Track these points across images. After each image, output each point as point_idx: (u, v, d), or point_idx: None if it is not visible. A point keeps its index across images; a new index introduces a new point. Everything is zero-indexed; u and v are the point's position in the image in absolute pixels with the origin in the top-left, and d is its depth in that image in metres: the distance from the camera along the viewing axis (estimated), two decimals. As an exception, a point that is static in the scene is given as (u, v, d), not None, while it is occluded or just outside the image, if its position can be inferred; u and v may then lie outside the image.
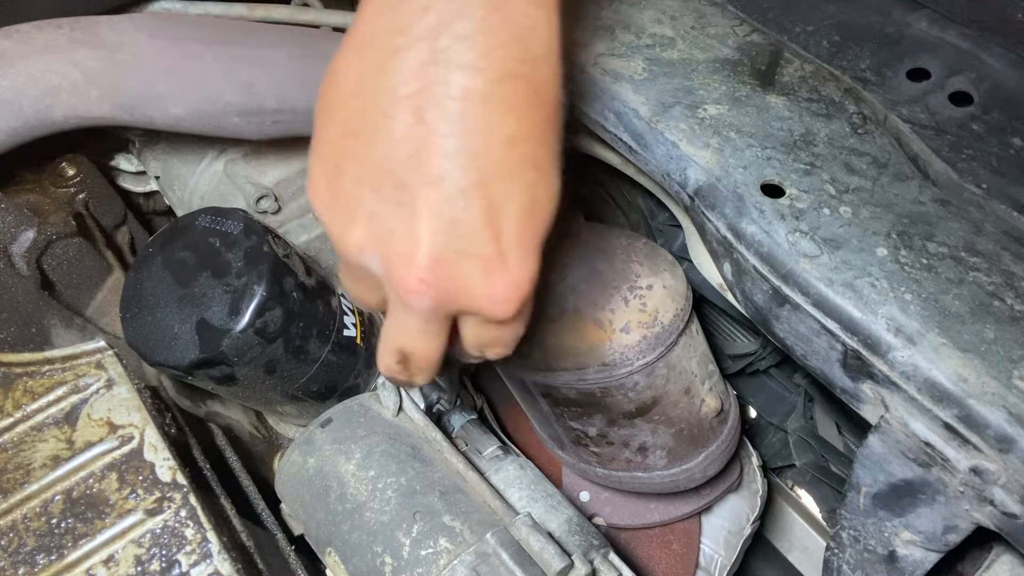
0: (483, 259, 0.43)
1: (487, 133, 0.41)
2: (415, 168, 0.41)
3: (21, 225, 0.78)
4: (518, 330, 0.50)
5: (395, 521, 0.62)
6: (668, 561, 1.01)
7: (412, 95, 0.41)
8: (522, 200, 0.43)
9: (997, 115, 0.64)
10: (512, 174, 0.42)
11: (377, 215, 0.43)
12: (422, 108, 0.41)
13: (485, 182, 0.42)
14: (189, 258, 0.69)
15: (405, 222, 0.42)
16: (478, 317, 0.47)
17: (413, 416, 0.72)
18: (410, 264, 0.43)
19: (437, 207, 0.42)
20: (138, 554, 0.53)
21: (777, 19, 0.74)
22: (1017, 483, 0.48)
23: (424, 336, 0.48)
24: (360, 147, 0.43)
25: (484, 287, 0.44)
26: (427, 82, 0.41)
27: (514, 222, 0.43)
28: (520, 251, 0.44)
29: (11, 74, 0.69)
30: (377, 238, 0.43)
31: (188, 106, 0.75)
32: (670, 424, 0.79)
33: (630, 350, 0.72)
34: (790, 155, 0.61)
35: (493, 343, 0.50)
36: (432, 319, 0.47)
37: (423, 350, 0.49)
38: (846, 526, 0.60)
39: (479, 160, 0.41)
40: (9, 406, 0.60)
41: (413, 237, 0.42)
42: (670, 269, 0.77)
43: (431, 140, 0.41)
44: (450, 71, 0.40)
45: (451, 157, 0.41)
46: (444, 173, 0.41)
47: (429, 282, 0.43)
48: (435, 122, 0.41)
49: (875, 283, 0.53)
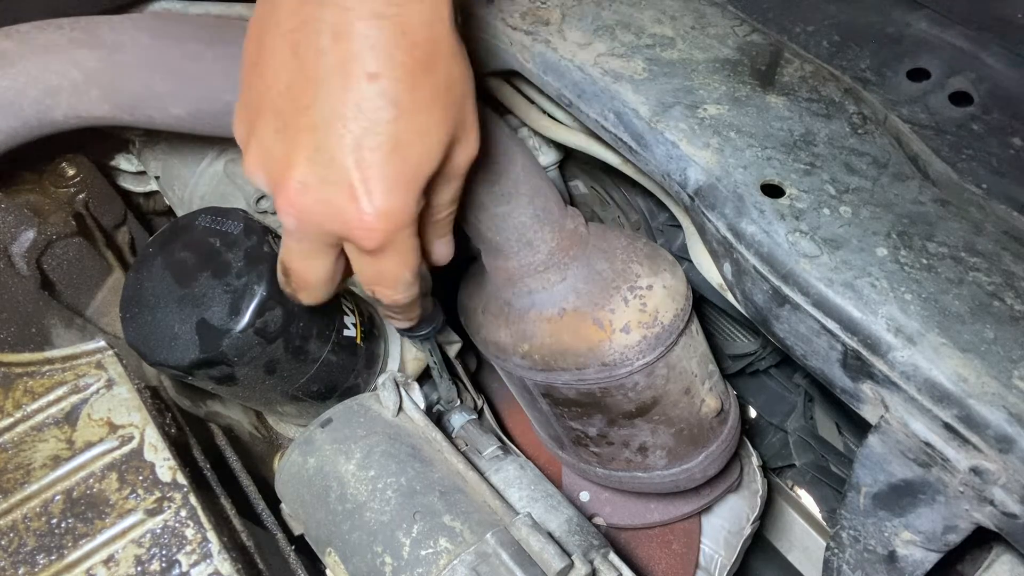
0: (346, 186, 0.46)
1: (350, 68, 0.44)
2: (289, 97, 0.46)
3: (21, 225, 0.78)
4: (396, 268, 0.51)
5: (395, 521, 0.62)
6: (668, 561, 1.01)
7: (292, 30, 0.45)
8: (381, 135, 0.46)
9: (997, 115, 0.64)
10: (371, 109, 0.45)
11: (263, 140, 0.48)
12: (297, 43, 0.45)
13: (345, 114, 0.45)
14: (189, 258, 0.69)
15: (281, 146, 0.47)
16: (352, 247, 0.50)
17: (413, 416, 0.72)
18: (281, 185, 0.47)
19: (305, 135, 0.45)
20: (138, 554, 0.53)
21: (777, 19, 0.74)
22: (1017, 483, 0.48)
23: (299, 255, 0.52)
24: (254, 78, 0.48)
25: (347, 213, 0.47)
26: (304, 19, 0.45)
27: (375, 155, 0.46)
28: (383, 183, 0.46)
29: (11, 74, 0.69)
30: (262, 159, 0.48)
31: (188, 106, 0.75)
32: (670, 424, 0.79)
33: (630, 350, 0.72)
34: (790, 155, 0.61)
35: (374, 279, 0.53)
36: (303, 239, 0.50)
37: (299, 268, 0.53)
38: (846, 526, 0.60)
39: (341, 93, 0.45)
40: (9, 406, 0.60)
41: (286, 160, 0.46)
42: (670, 269, 0.77)
43: (303, 72, 0.45)
44: (323, 9, 0.44)
45: (318, 88, 0.45)
46: (311, 103, 0.45)
47: (296, 204, 0.47)
48: (307, 56, 0.45)
49: (875, 283, 0.53)
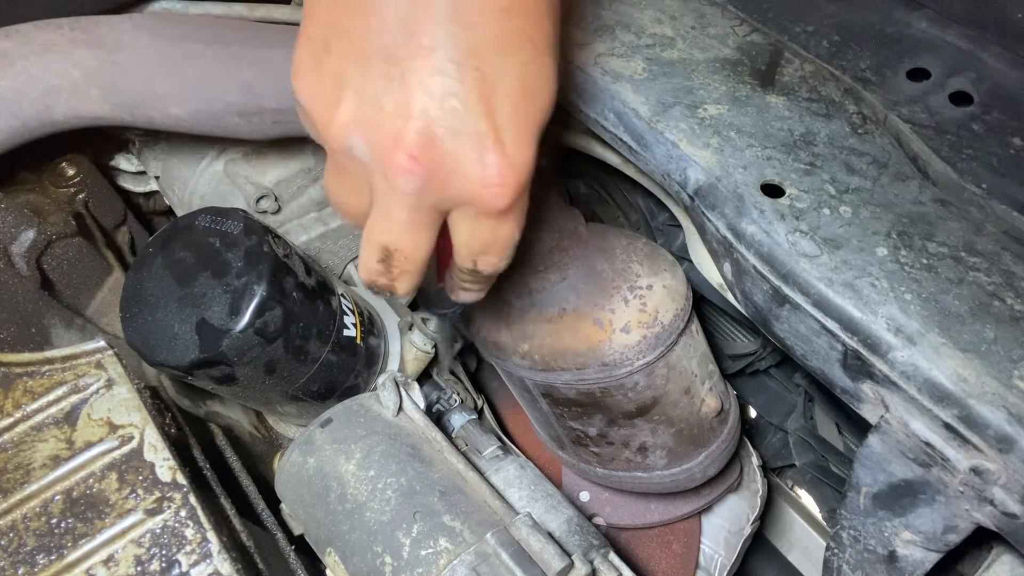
0: (477, 136, 0.40)
1: (481, 2, 0.39)
2: (406, 39, 0.39)
3: (21, 225, 0.78)
4: (513, 232, 0.46)
5: (395, 521, 0.62)
6: (668, 561, 1.01)
7: None
8: (517, 77, 0.41)
9: (997, 115, 0.64)
10: (507, 48, 0.40)
11: (365, 91, 0.40)
12: None
13: (479, 53, 0.40)
14: (189, 258, 0.69)
15: (394, 95, 0.40)
16: (470, 210, 0.44)
17: (413, 416, 0.71)
18: (399, 140, 0.40)
19: (429, 79, 0.39)
20: (138, 554, 0.53)
21: (777, 19, 0.74)
22: (1017, 483, 0.48)
23: (410, 229, 0.45)
24: (350, 20, 0.40)
25: (477, 168, 0.41)
26: None
27: (510, 100, 0.41)
28: (515, 132, 0.41)
29: (11, 74, 0.69)
30: (365, 115, 0.41)
31: (188, 106, 0.75)
32: (670, 424, 0.79)
33: (630, 350, 0.72)
34: (790, 155, 0.61)
35: (487, 246, 0.47)
36: (420, 206, 0.43)
37: (408, 245, 0.46)
38: (846, 526, 0.60)
39: (473, 30, 0.39)
40: (9, 406, 0.60)
41: (403, 111, 0.40)
42: (670, 269, 0.77)
43: (423, 9, 0.39)
44: None
45: (444, 25, 0.39)
46: (436, 43, 0.39)
47: (419, 159, 0.40)
48: None
49: (875, 283, 0.53)
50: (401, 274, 0.48)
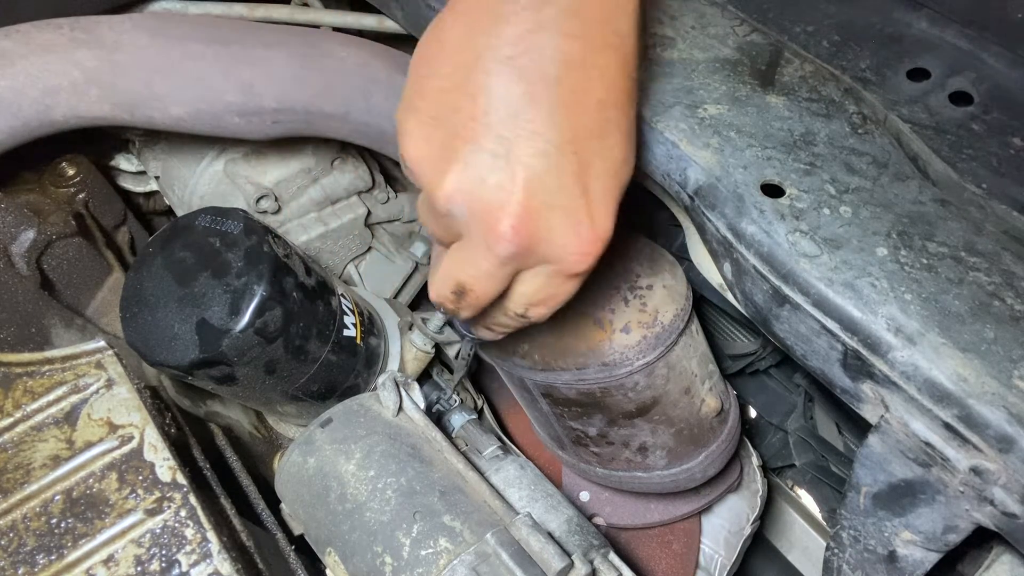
0: (571, 211, 0.46)
1: (582, 95, 0.45)
2: (513, 123, 0.44)
3: (21, 225, 0.78)
4: (575, 289, 0.52)
5: (395, 521, 0.61)
6: (668, 561, 1.01)
7: (515, 56, 0.44)
8: (608, 160, 0.47)
9: (997, 115, 0.64)
10: (601, 135, 0.46)
11: (472, 165, 0.45)
12: (524, 68, 0.44)
13: (578, 139, 0.45)
14: (189, 258, 0.69)
15: (500, 172, 0.45)
16: (549, 269, 0.49)
17: (413, 416, 0.71)
18: (502, 212, 0.45)
19: (532, 160, 0.45)
20: (138, 554, 0.53)
21: (777, 19, 0.74)
22: (1017, 483, 0.48)
23: (490, 279, 0.50)
24: (461, 100, 0.45)
25: (568, 238, 0.47)
26: (530, 46, 0.44)
27: (601, 180, 0.47)
28: (604, 207, 0.47)
29: (11, 74, 0.69)
30: (470, 187, 0.46)
31: (188, 106, 0.75)
32: (670, 424, 0.79)
33: (630, 350, 0.72)
34: (790, 155, 0.61)
35: (548, 299, 0.52)
36: (507, 264, 0.49)
37: (483, 290, 0.51)
38: (846, 526, 0.60)
39: (573, 120, 0.45)
40: (9, 406, 0.60)
41: (508, 186, 0.45)
42: (670, 269, 0.77)
43: (531, 98, 0.44)
44: (552, 37, 0.44)
45: (548, 115, 0.44)
46: (541, 129, 0.44)
47: (518, 230, 0.46)
48: (535, 82, 0.44)
49: (875, 283, 0.53)
50: (468, 307, 0.54)
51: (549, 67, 0.44)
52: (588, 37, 0.45)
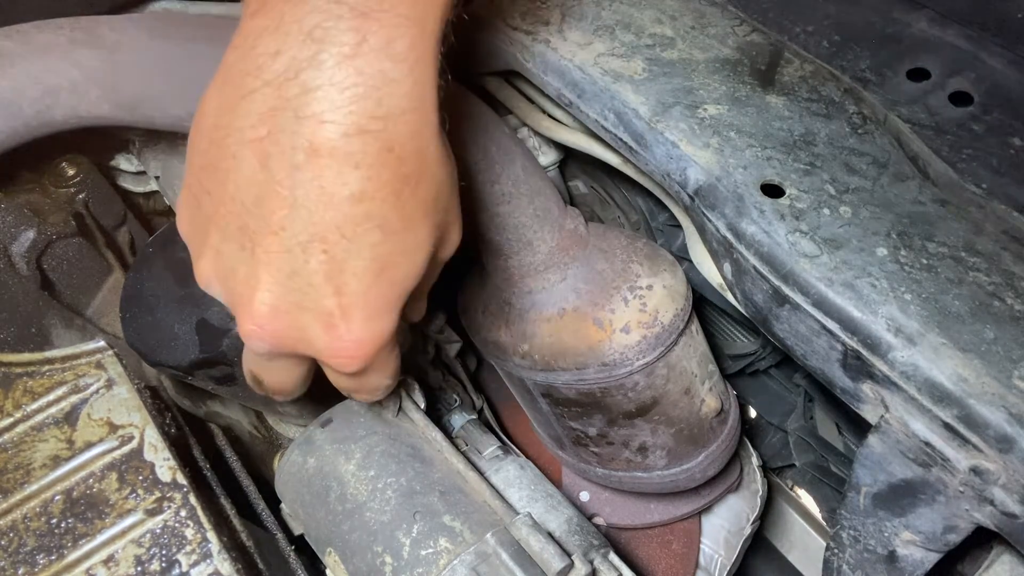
0: (322, 314, 0.42)
1: (330, 188, 0.40)
2: (258, 214, 0.41)
3: (21, 225, 0.78)
4: (379, 381, 0.48)
5: (395, 521, 0.62)
6: (668, 561, 1.01)
7: (259, 139, 0.40)
8: (366, 259, 0.42)
9: (997, 115, 0.64)
10: (356, 233, 0.41)
11: (223, 253, 0.43)
12: (268, 155, 0.40)
13: (325, 237, 0.41)
14: (189, 258, 0.69)
15: (246, 265, 0.42)
16: (327, 366, 0.47)
17: (413, 416, 0.71)
18: (248, 307, 0.43)
19: (277, 257, 0.41)
20: (138, 554, 0.53)
21: (777, 19, 0.74)
22: (1017, 483, 0.48)
23: (270, 370, 0.49)
24: (212, 183, 0.43)
25: (324, 341, 0.44)
26: (274, 128, 0.40)
27: (358, 281, 0.42)
28: (364, 311, 0.43)
29: (11, 74, 0.69)
30: (222, 274, 0.44)
31: (188, 106, 0.74)
32: (670, 424, 0.79)
33: (630, 350, 0.72)
34: (790, 155, 0.61)
35: (352, 391, 0.50)
36: (274, 358, 0.47)
37: (272, 380, 0.50)
38: (846, 526, 0.60)
39: (320, 215, 0.40)
40: (9, 406, 0.60)
41: (252, 282, 0.42)
42: (670, 269, 0.77)
43: (274, 189, 0.40)
44: (297, 121, 0.39)
45: (292, 208, 0.40)
46: (284, 224, 0.40)
47: (266, 328, 0.43)
48: (279, 171, 0.40)
49: (875, 283, 0.53)
50: (273, 394, 0.52)
51: (293, 154, 0.39)
52: (335, 121, 0.39)
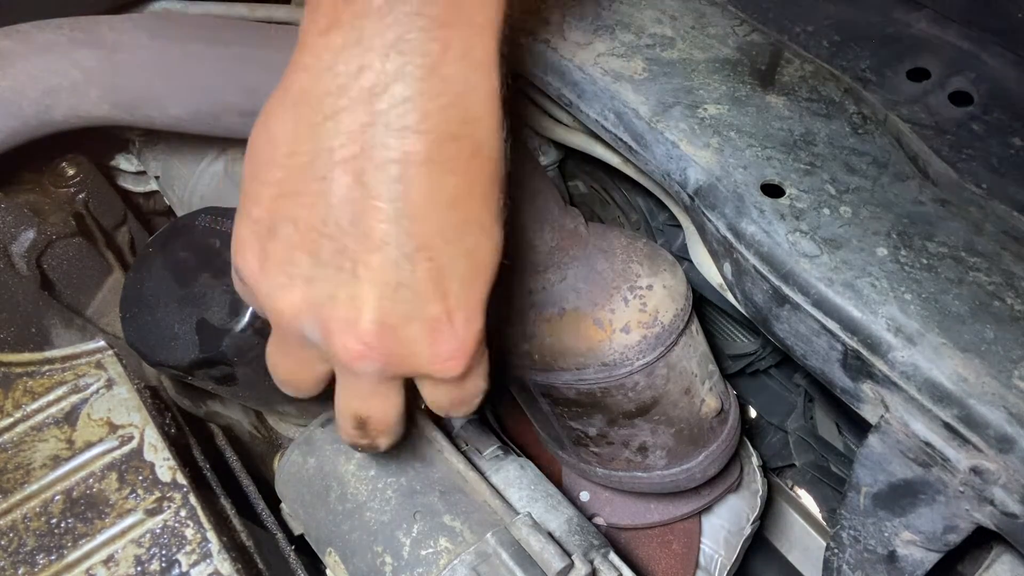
0: (429, 321, 0.42)
1: (429, 196, 0.40)
2: (356, 233, 0.40)
3: (21, 225, 0.78)
4: (478, 385, 0.48)
5: (395, 521, 0.62)
6: (668, 561, 1.01)
7: (351, 158, 0.40)
8: (467, 262, 0.43)
9: (997, 115, 0.64)
10: (456, 237, 0.42)
11: (315, 280, 0.42)
12: (362, 171, 0.40)
13: (429, 245, 0.41)
14: (189, 258, 0.69)
15: (347, 287, 0.41)
16: (433, 380, 0.46)
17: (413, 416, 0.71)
18: (354, 329, 0.42)
19: (381, 272, 0.41)
20: (138, 554, 0.53)
21: (777, 19, 0.74)
22: (1017, 483, 0.48)
23: (377, 398, 0.47)
24: (297, 209, 0.41)
25: (431, 348, 0.43)
26: (366, 144, 0.40)
27: (459, 283, 0.43)
28: (466, 312, 0.43)
29: (11, 74, 0.69)
30: (316, 304, 0.42)
31: (188, 106, 0.75)
32: (670, 424, 0.79)
33: (630, 350, 0.72)
34: (790, 155, 0.61)
35: (454, 403, 0.49)
36: (382, 381, 0.46)
37: (379, 412, 0.48)
38: (846, 526, 0.60)
39: (422, 224, 0.41)
40: (9, 406, 0.60)
41: (356, 302, 0.41)
42: (670, 269, 0.77)
43: (372, 204, 0.40)
44: (389, 134, 0.39)
45: (393, 221, 0.40)
46: (387, 238, 0.40)
47: (375, 347, 0.42)
48: (375, 185, 0.40)
49: (875, 283, 0.53)
50: (379, 435, 0.50)
51: (389, 167, 0.40)
52: (428, 130, 0.40)
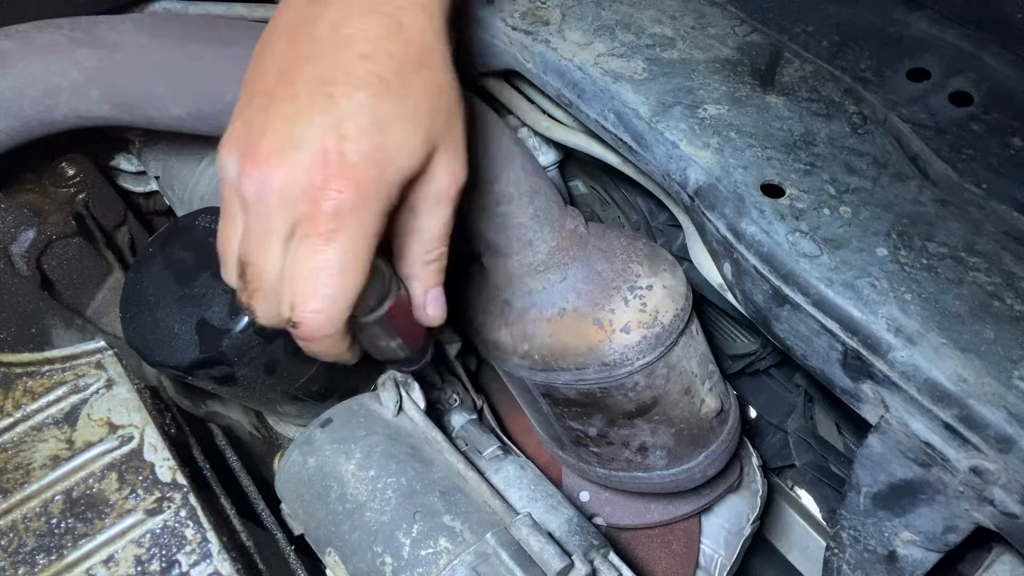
0: (319, 151, 0.46)
1: (342, 48, 0.49)
2: (279, 77, 0.50)
3: (21, 225, 0.78)
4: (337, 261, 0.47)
5: (395, 521, 0.62)
6: (668, 561, 1.01)
7: (290, 27, 0.51)
8: (366, 107, 0.48)
9: (997, 115, 0.64)
10: (358, 81, 0.48)
11: (242, 122, 0.50)
12: (296, 34, 0.51)
13: (334, 80, 0.48)
14: (189, 258, 0.69)
15: (260, 117, 0.49)
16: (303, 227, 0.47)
17: (413, 416, 0.72)
18: (251, 153, 0.48)
19: (287, 103, 0.48)
20: (138, 554, 0.53)
21: (777, 19, 0.74)
22: (1017, 483, 0.48)
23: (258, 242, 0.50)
24: (251, 72, 0.52)
25: (311, 177, 0.46)
26: (305, 16, 0.51)
27: (356, 124, 0.47)
28: (357, 150, 0.47)
29: (11, 74, 0.69)
30: (236, 138, 0.50)
31: (188, 106, 0.75)
32: (670, 424, 0.79)
33: (630, 350, 0.72)
34: (790, 155, 0.61)
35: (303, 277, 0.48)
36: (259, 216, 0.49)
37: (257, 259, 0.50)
38: (846, 526, 0.60)
39: (330, 67, 0.48)
40: (9, 406, 0.60)
41: (262, 129, 0.48)
42: (670, 269, 0.77)
43: (296, 56, 0.50)
44: (325, 7, 0.50)
45: (309, 63, 0.49)
46: (298, 77, 0.49)
47: (261, 168, 0.47)
48: (302, 42, 0.50)
49: (875, 283, 0.53)
50: (255, 291, 0.51)
51: (317, 28, 0.50)
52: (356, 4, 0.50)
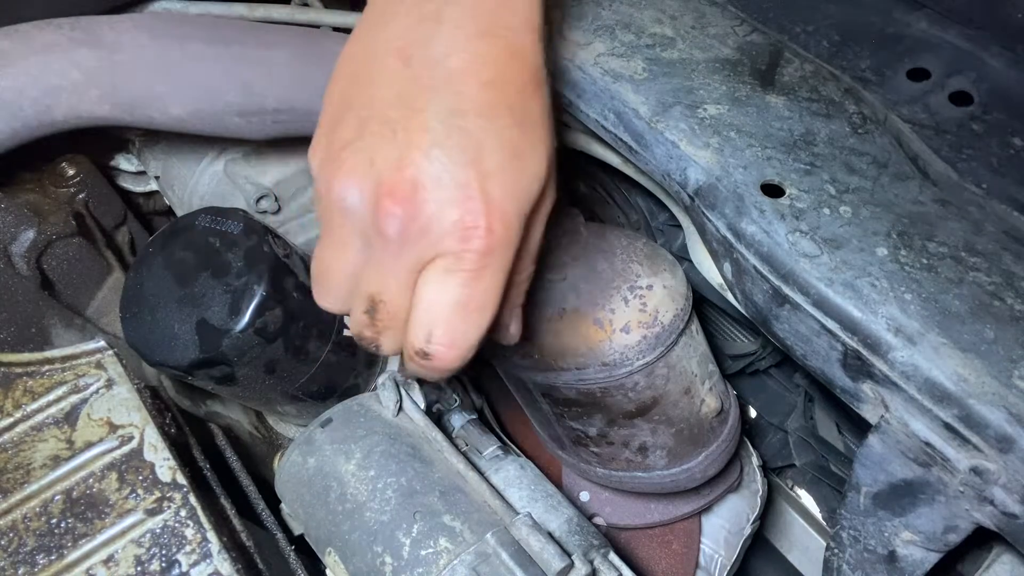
0: (461, 185, 0.45)
1: (466, 75, 0.46)
2: (401, 105, 0.46)
3: (21, 225, 0.78)
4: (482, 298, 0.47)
5: (395, 521, 0.61)
6: (668, 561, 1.01)
7: (402, 46, 0.47)
8: (500, 140, 0.46)
9: (997, 115, 0.64)
10: (489, 111, 0.46)
11: (363, 150, 0.46)
12: (410, 56, 0.47)
13: (464, 112, 0.45)
14: (189, 258, 0.69)
15: (388, 150, 0.45)
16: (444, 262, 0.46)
17: (413, 416, 0.71)
18: (389, 189, 0.45)
19: (418, 135, 0.45)
20: (138, 554, 0.53)
21: (777, 19, 0.74)
22: (1017, 483, 0.48)
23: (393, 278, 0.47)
24: (354, 97, 0.48)
25: (458, 211, 0.44)
26: (416, 36, 0.47)
27: (496, 158, 0.46)
28: (503, 185, 0.45)
29: (11, 74, 0.69)
30: (361, 169, 0.46)
31: (188, 106, 0.75)
32: (670, 424, 0.79)
33: (630, 350, 0.72)
34: (790, 155, 0.61)
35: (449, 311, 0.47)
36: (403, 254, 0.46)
37: (392, 295, 0.48)
38: (846, 526, 0.60)
39: (458, 96, 0.46)
40: (9, 406, 0.60)
41: (397, 163, 0.45)
42: (670, 269, 0.77)
43: (416, 80, 0.46)
44: (437, 26, 0.47)
45: (433, 93, 0.46)
46: (426, 106, 0.46)
47: (403, 203, 0.45)
48: (420, 66, 0.47)
49: (875, 283, 0.53)
50: (385, 328, 0.50)
51: (434, 51, 0.47)
52: (469, 26, 0.47)
